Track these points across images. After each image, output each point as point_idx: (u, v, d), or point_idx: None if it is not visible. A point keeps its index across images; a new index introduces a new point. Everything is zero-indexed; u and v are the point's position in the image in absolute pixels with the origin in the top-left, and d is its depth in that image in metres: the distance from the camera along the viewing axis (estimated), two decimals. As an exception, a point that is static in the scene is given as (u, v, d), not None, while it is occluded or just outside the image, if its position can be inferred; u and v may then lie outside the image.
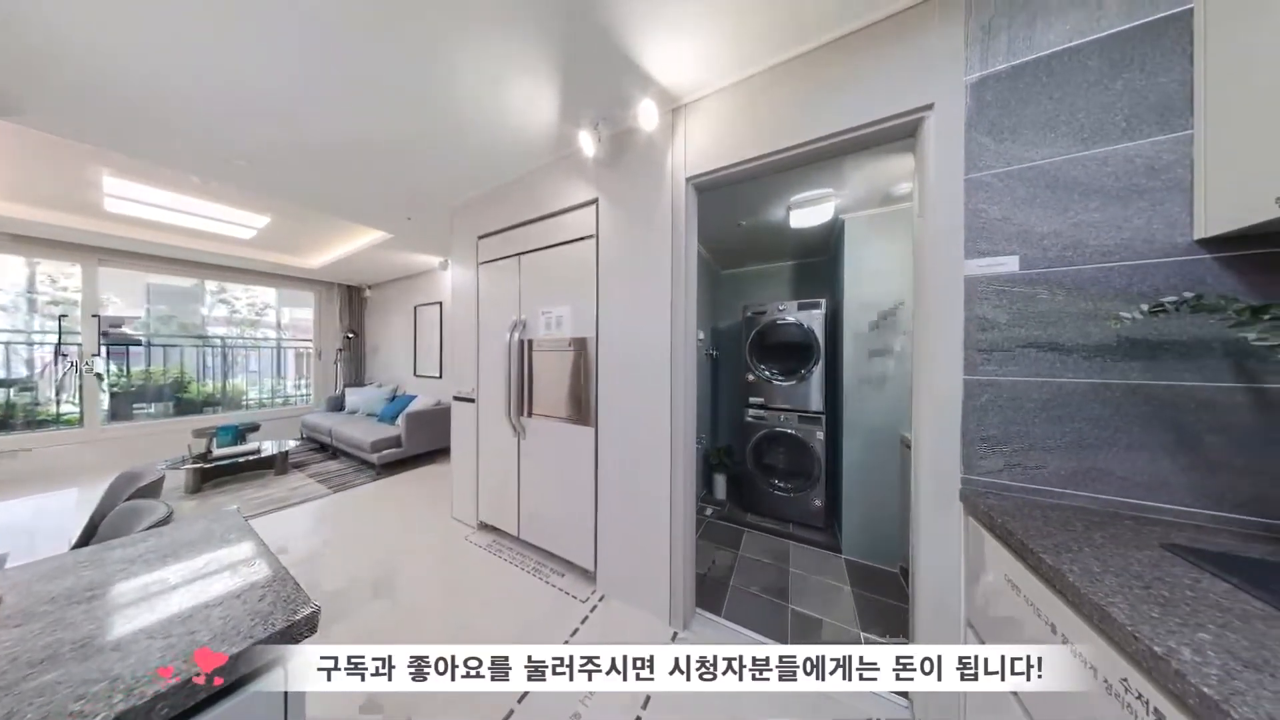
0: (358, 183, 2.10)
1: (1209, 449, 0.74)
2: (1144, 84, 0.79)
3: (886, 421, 1.89)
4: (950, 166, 0.97)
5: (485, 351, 2.17)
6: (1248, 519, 0.71)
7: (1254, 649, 0.43)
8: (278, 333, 4.74)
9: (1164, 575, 0.57)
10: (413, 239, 3.13)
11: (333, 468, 3.37)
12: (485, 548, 2.01)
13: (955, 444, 0.96)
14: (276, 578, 0.63)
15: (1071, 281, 0.85)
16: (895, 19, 1.04)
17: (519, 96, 1.39)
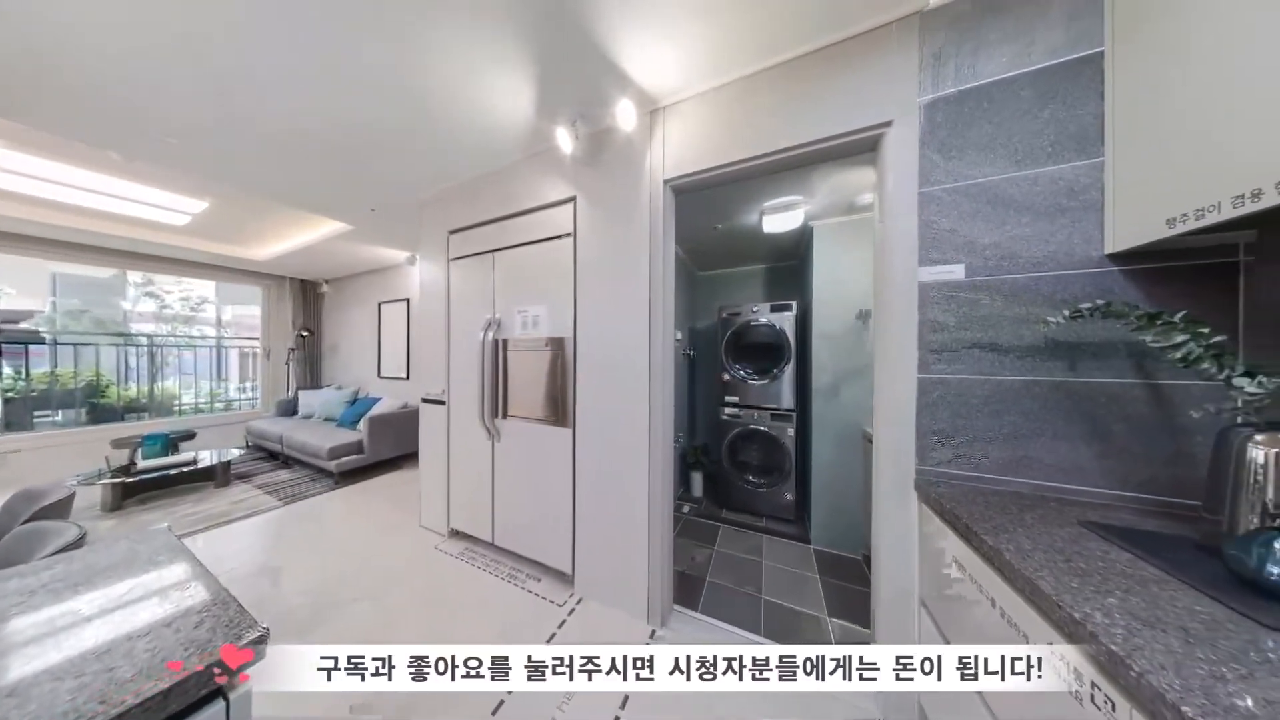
0: (313, 169, 1.94)
1: (1115, 437, 0.85)
2: (1065, 115, 0.89)
3: (853, 417, 2.01)
4: (906, 180, 1.05)
5: (457, 351, 2.08)
6: (1145, 497, 0.82)
7: (1150, 609, 0.50)
8: (218, 330, 4.30)
9: (1081, 549, 0.65)
10: (376, 232, 2.94)
11: (284, 478, 3.10)
12: (457, 556, 1.93)
13: (910, 438, 1.04)
14: (216, 600, 0.57)
15: (1008, 289, 0.94)
16: (859, 39, 1.10)
17: (493, 88, 1.34)
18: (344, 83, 1.32)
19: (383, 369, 4.04)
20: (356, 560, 1.89)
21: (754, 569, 1.86)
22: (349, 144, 1.70)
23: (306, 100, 1.41)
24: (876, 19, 1.07)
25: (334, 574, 1.78)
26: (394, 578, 1.76)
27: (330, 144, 1.70)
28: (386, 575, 1.78)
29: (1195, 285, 0.79)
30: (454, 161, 1.86)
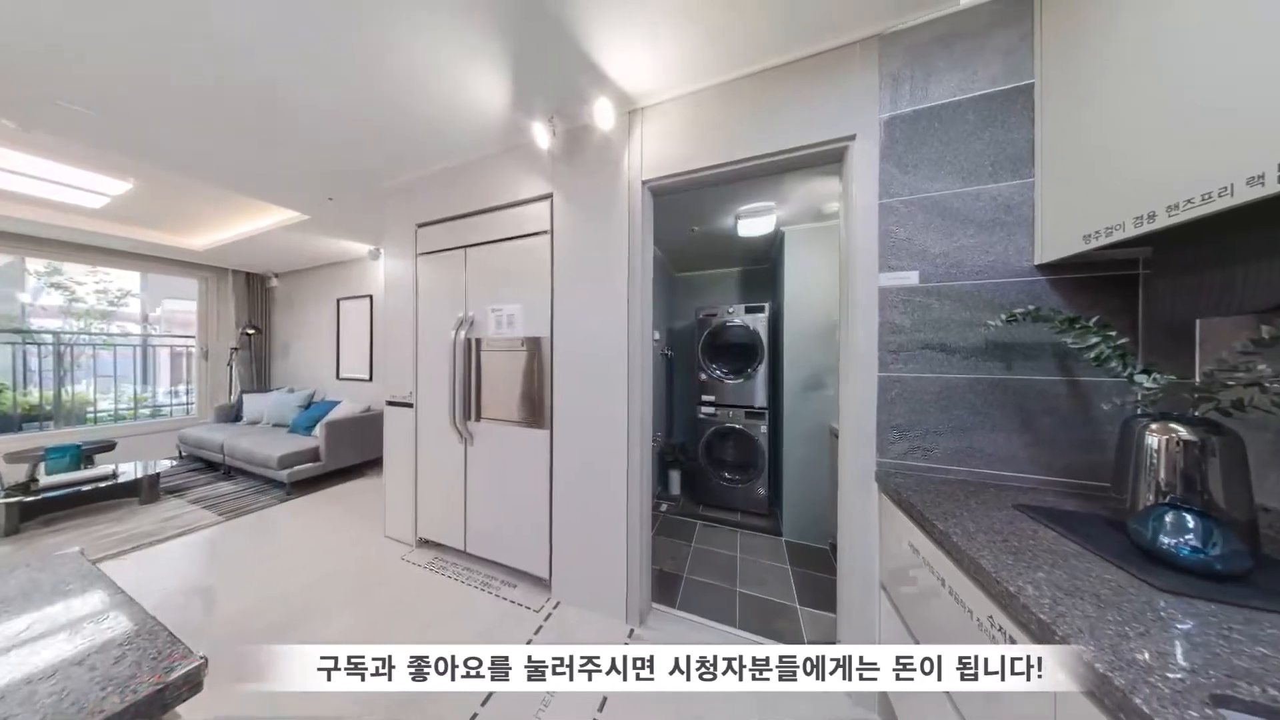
0: (260, 152, 1.77)
1: (1043, 428, 0.95)
2: (1004, 138, 0.99)
3: (821, 414, 2.11)
4: (867, 191, 1.12)
5: (425, 351, 1.98)
6: (1067, 480, 0.93)
7: (1071, 580, 0.57)
8: (143, 327, 3.82)
9: (1015, 530, 0.72)
10: (335, 223, 2.73)
11: (226, 490, 2.81)
12: (426, 566, 1.84)
13: (871, 432, 1.11)
14: (141, 631, 0.51)
15: (955, 294, 1.03)
16: (827, 55, 1.16)
17: (466, 76, 1.29)
18: (294, 55, 1.21)
19: (342, 370, 3.77)
20: (313, 576, 1.76)
21: (729, 563, 1.91)
22: (304, 124, 1.57)
23: (249, 72, 1.27)
24: (841, 38, 1.13)
25: (286, 592, 1.64)
26: (356, 592, 1.65)
27: (279, 124, 1.56)
28: (347, 590, 1.66)
29: (1106, 293, 0.90)
30: (422, 151, 1.77)
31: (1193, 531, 0.57)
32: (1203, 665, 0.41)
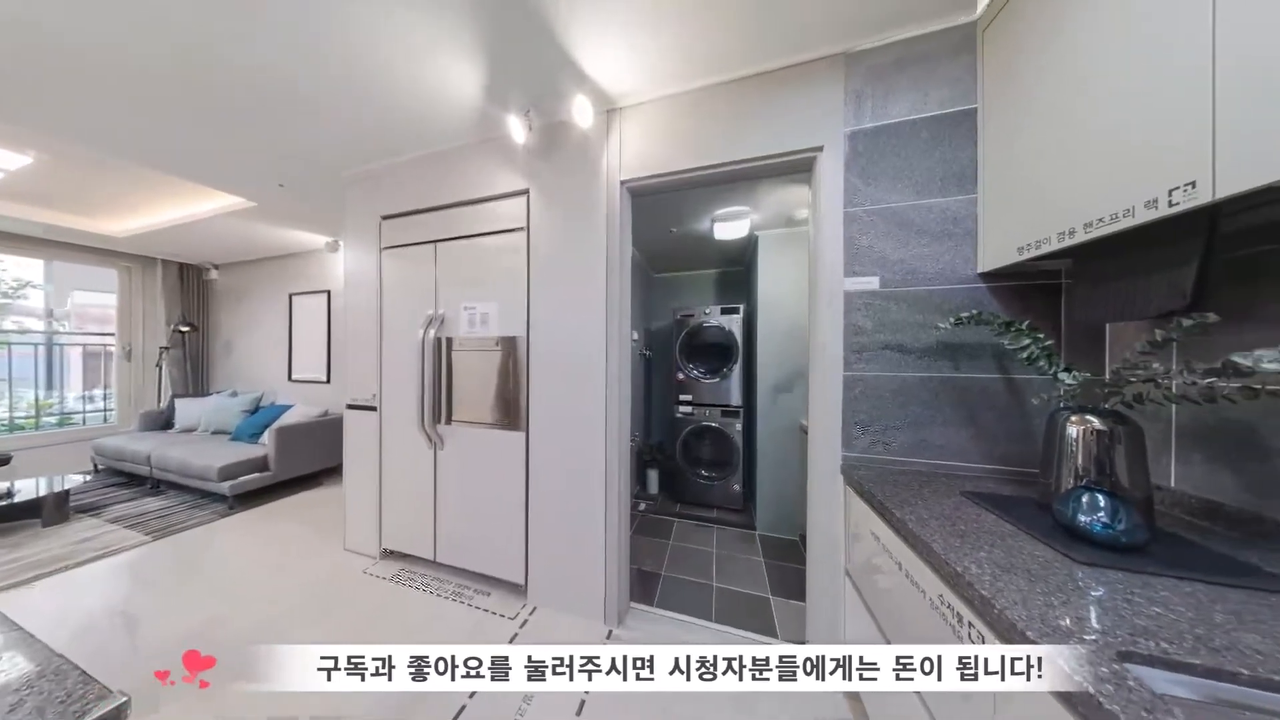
0: (194, 128, 1.59)
1: (984, 422, 1.05)
2: (952, 156, 1.08)
3: (793, 412, 2.21)
4: (833, 200, 1.18)
5: (391, 351, 1.87)
6: (1005, 468, 1.03)
7: (1008, 558, 0.63)
8: (47, 324, 3.33)
9: (962, 515, 0.79)
10: (288, 212, 2.50)
11: (153, 506, 2.51)
12: (392, 579, 1.74)
13: (838, 428, 1.17)
14: (45, 672, 0.44)
15: (911, 299, 1.11)
16: (797, 68, 1.22)
17: (437, 61, 1.23)
18: (237, 19, 1.09)
19: (295, 371, 3.48)
20: (261, 597, 1.61)
21: (706, 559, 1.95)
22: (248, 102, 1.43)
23: (180, 36, 1.13)
24: (809, 54, 1.19)
25: (228, 616, 1.49)
26: (312, 611, 1.53)
27: (217, 97, 1.40)
28: (302, 609, 1.54)
29: (1036, 300, 1.01)
30: (387, 138, 1.67)
31: (1103, 510, 0.65)
32: (1111, 627, 0.47)
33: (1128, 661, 0.42)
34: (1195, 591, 0.53)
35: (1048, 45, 0.81)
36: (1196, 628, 0.46)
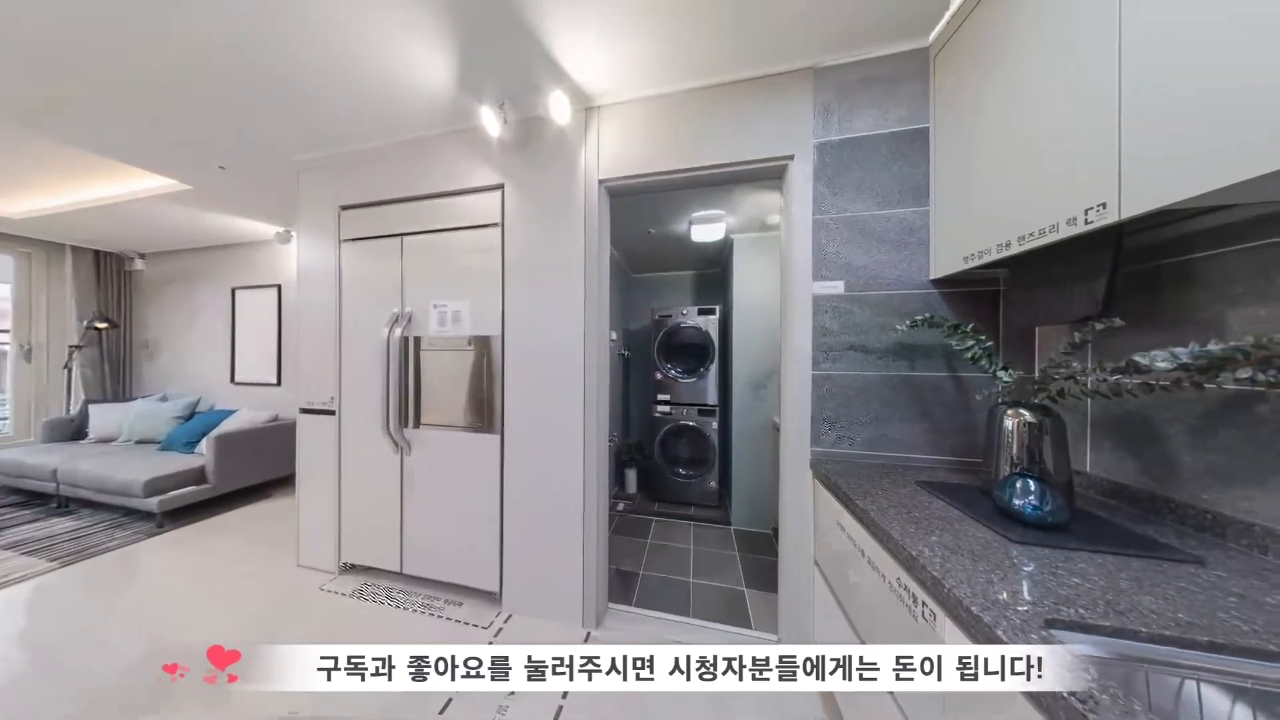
0: (120, 99, 1.40)
1: (936, 416, 1.14)
2: (908, 171, 1.16)
3: (766, 410, 2.29)
4: (803, 207, 1.24)
5: (351, 351, 1.75)
6: (954, 459, 1.12)
7: (955, 541, 0.69)
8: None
9: (917, 503, 0.86)
10: (230, 197, 2.26)
11: (63, 528, 2.20)
12: (352, 594, 1.63)
13: (807, 424, 1.23)
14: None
15: (873, 302, 1.19)
16: (770, 79, 1.26)
17: (403, 43, 1.16)
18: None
19: (239, 373, 3.17)
20: (198, 622, 1.46)
21: (683, 556, 1.98)
22: (181, 71, 1.27)
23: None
24: (781, 66, 1.24)
25: (162, 646, 1.33)
26: (261, 634, 1.40)
27: (141, 63, 1.23)
28: (249, 633, 1.41)
29: (979, 304, 1.11)
30: (346, 122, 1.56)
31: (1033, 494, 0.73)
32: (1040, 598, 0.53)
33: (1053, 628, 0.47)
34: (1105, 562, 0.61)
35: (990, 74, 0.90)
36: (1107, 594, 0.53)
